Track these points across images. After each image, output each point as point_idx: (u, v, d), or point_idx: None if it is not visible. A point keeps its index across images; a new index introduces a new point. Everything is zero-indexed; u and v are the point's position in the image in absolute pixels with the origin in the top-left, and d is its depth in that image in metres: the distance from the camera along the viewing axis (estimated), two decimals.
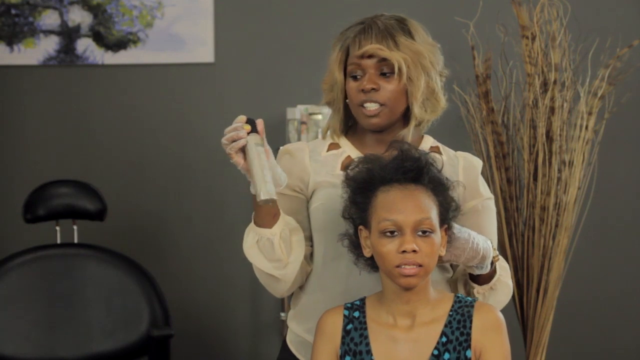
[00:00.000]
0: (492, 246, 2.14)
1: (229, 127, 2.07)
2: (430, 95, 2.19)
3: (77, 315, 3.36)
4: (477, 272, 2.14)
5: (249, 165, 2.05)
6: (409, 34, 2.17)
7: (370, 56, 2.15)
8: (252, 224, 2.15)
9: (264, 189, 2.01)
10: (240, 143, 2.04)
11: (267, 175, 2.02)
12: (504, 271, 2.20)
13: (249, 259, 2.17)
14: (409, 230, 1.95)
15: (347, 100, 2.22)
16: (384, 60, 2.15)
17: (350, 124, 2.26)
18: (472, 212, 2.21)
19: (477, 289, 2.17)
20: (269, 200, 2.01)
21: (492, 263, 2.15)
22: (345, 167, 2.12)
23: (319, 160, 2.23)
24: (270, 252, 2.14)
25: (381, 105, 2.16)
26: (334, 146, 2.26)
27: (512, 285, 2.24)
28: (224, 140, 2.06)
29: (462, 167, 2.24)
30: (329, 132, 2.27)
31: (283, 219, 2.14)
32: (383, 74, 2.16)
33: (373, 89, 2.15)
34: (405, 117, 2.21)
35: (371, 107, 2.16)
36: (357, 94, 2.17)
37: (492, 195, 2.27)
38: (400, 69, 2.14)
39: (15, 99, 3.92)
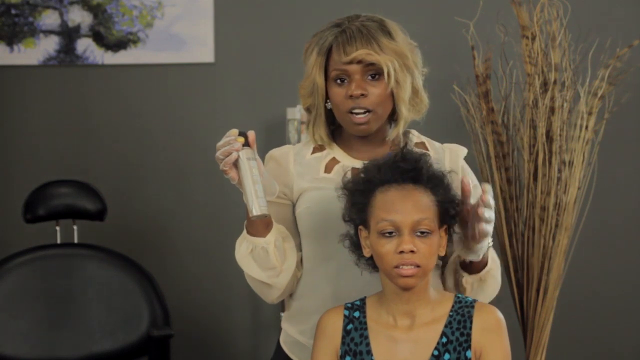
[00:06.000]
0: None
1: (222, 142, 2.05)
2: (414, 95, 2.19)
3: (77, 315, 3.36)
4: (471, 258, 2.09)
5: (241, 180, 2.05)
6: (390, 35, 2.15)
7: (357, 61, 2.12)
8: (244, 234, 2.15)
9: (257, 204, 2.04)
10: (233, 157, 2.03)
11: (259, 190, 2.04)
12: (494, 264, 2.16)
13: (242, 268, 2.18)
14: (407, 230, 1.95)
15: (327, 104, 2.18)
16: (370, 64, 2.12)
17: (332, 128, 2.24)
18: None
19: (466, 278, 2.13)
20: (262, 216, 2.05)
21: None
22: (343, 178, 2.10)
23: (303, 164, 2.22)
24: (265, 261, 2.14)
25: (369, 111, 2.14)
26: (318, 148, 2.24)
27: (500, 282, 2.18)
28: (219, 155, 2.04)
29: (448, 159, 2.23)
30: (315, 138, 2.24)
31: (276, 227, 2.14)
32: (371, 76, 2.14)
33: (362, 94, 2.12)
34: (391, 116, 2.20)
35: (360, 115, 2.13)
36: (344, 100, 2.14)
37: (475, 180, 2.24)
38: (388, 73, 2.12)
39: (15, 99, 3.91)
